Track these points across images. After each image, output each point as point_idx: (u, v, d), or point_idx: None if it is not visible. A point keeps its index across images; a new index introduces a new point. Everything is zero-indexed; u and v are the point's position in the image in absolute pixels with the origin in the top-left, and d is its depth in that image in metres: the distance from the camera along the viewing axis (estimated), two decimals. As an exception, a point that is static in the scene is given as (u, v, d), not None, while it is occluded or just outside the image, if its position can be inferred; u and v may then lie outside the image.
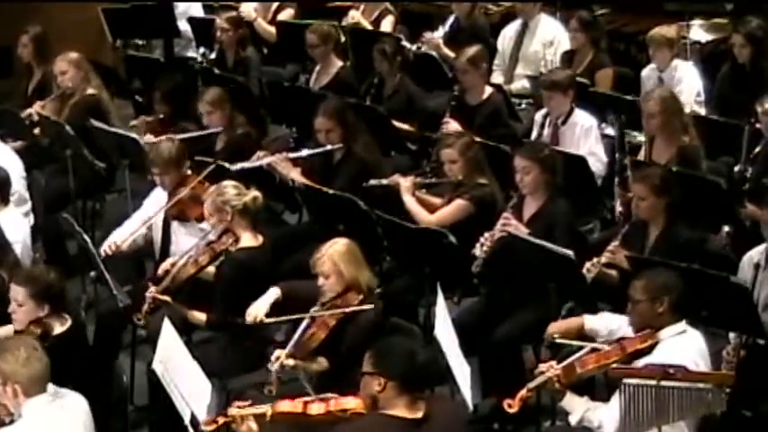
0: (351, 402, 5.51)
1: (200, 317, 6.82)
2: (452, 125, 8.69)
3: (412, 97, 9.44)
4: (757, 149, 8.10)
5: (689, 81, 9.36)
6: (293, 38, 10.40)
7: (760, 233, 7.09)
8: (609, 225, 8.13)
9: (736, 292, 6.35)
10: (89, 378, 5.96)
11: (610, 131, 8.61)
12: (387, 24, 10.97)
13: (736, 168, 8.18)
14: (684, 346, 5.85)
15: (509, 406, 5.83)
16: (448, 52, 10.07)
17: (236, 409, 5.65)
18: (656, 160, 7.98)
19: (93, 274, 7.30)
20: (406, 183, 7.88)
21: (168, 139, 7.81)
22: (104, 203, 9.41)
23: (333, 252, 6.41)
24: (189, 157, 7.76)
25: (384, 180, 8.00)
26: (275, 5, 11.30)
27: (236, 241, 6.86)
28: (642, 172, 7.23)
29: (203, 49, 10.60)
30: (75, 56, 9.32)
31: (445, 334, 6.09)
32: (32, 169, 8.88)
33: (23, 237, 7.46)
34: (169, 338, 6.05)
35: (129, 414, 6.77)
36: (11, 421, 5.40)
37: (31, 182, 8.64)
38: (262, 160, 8.25)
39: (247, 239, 6.88)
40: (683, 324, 5.95)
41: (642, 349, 5.87)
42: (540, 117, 8.72)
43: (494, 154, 7.94)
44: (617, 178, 8.03)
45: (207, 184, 7.43)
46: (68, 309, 6.26)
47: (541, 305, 6.87)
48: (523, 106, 9.86)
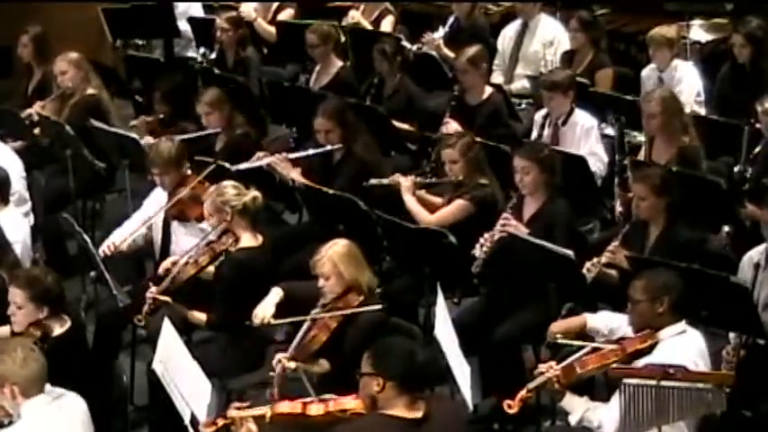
0: (350, 403, 5.50)
1: (200, 317, 6.82)
2: (452, 125, 8.69)
3: (412, 97, 9.43)
4: (757, 149, 8.10)
5: (689, 81, 9.35)
6: (293, 38, 10.39)
7: (760, 233, 7.09)
8: (609, 225, 8.13)
9: (736, 292, 6.35)
10: (89, 378, 5.96)
11: (610, 131, 8.61)
12: (387, 24, 10.97)
13: (736, 168, 8.18)
14: (684, 346, 5.85)
15: (509, 406, 5.82)
16: (448, 52, 10.07)
17: (236, 411, 5.65)
18: (655, 160, 7.98)
19: (93, 274, 7.30)
20: (406, 182, 7.87)
21: (168, 140, 7.81)
22: (104, 203, 9.41)
23: (333, 253, 6.40)
24: (189, 157, 7.77)
25: (384, 180, 7.99)
26: (275, 5, 11.29)
27: (236, 241, 6.86)
28: (642, 172, 7.22)
29: (203, 49, 10.60)
30: (75, 56, 9.31)
31: (445, 334, 6.09)
32: (32, 169, 8.88)
33: (23, 237, 7.46)
34: (169, 338, 6.05)
35: (129, 414, 6.77)
36: (9, 423, 5.40)
37: (31, 182, 8.64)
38: (262, 161, 8.25)
39: (247, 239, 6.88)
40: (682, 324, 5.94)
41: (642, 349, 5.87)
42: (541, 117, 8.72)
43: (494, 154, 7.94)
44: (617, 178, 8.02)
45: (207, 184, 7.44)
46: (67, 310, 6.26)
47: (541, 305, 6.86)
48: (523, 106, 9.86)
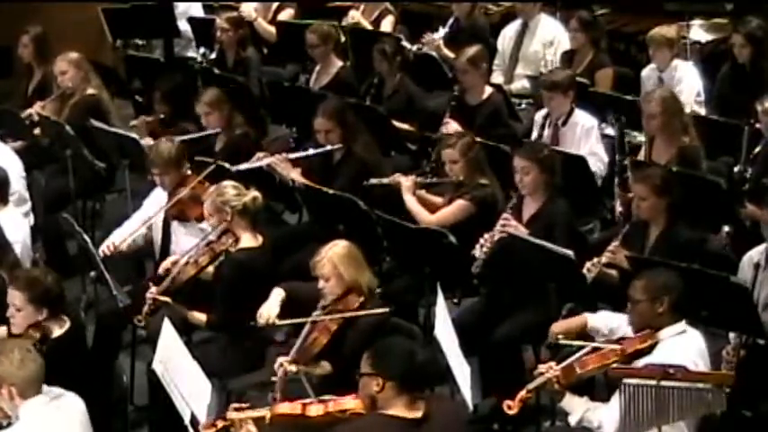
0: (350, 403, 5.50)
1: (200, 317, 6.82)
2: (452, 125, 8.69)
3: (412, 97, 9.43)
4: (757, 149, 8.10)
5: (689, 81, 9.35)
6: (293, 38, 10.39)
7: (760, 233, 7.09)
8: (609, 225, 8.13)
9: (736, 292, 6.34)
10: (89, 379, 5.96)
11: (610, 131, 8.61)
12: (387, 24, 10.96)
13: (736, 168, 8.18)
14: (684, 346, 5.85)
15: (508, 407, 5.82)
16: (448, 53, 10.06)
17: (235, 413, 5.64)
18: (655, 160, 7.97)
19: (93, 274, 7.30)
20: (407, 182, 7.87)
21: (168, 140, 7.80)
22: (104, 203, 9.41)
23: (332, 255, 6.39)
24: (188, 157, 7.77)
25: (385, 179, 7.99)
26: (275, 5, 11.29)
27: (236, 242, 6.85)
28: (643, 172, 7.21)
29: (203, 50, 10.59)
30: (75, 56, 9.31)
31: (445, 334, 6.09)
32: (32, 169, 8.88)
33: (23, 237, 7.45)
34: (169, 338, 6.05)
35: (129, 414, 6.77)
36: (8, 424, 5.40)
37: (31, 182, 8.64)
38: (262, 161, 8.24)
39: (247, 240, 6.87)
40: (682, 324, 5.94)
41: (642, 349, 5.86)
42: (541, 118, 8.71)
43: (494, 154, 7.93)
44: (617, 178, 8.02)
45: (207, 184, 7.43)
46: (67, 310, 6.25)
47: (541, 305, 6.86)
48: (523, 106, 9.85)
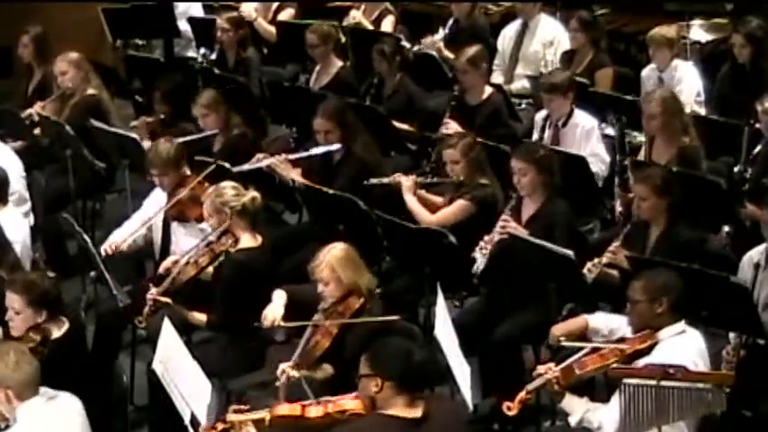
0: (349, 404, 5.50)
1: (200, 318, 6.82)
2: (452, 125, 8.69)
3: (412, 97, 9.42)
4: (757, 149, 8.10)
5: (689, 81, 9.35)
6: (293, 38, 10.39)
7: (760, 233, 7.08)
8: (609, 225, 8.12)
9: (736, 292, 6.34)
10: (89, 379, 5.96)
11: (610, 131, 8.60)
12: (387, 24, 10.96)
13: (736, 168, 8.18)
14: (684, 346, 5.85)
15: (508, 408, 5.81)
16: (448, 54, 10.05)
17: (235, 415, 5.64)
18: (656, 160, 7.97)
19: (93, 274, 7.29)
20: (407, 182, 7.86)
21: (167, 140, 7.79)
22: (104, 203, 9.41)
23: (330, 258, 6.37)
24: (187, 158, 7.76)
25: (385, 179, 7.98)
26: (275, 5, 11.29)
27: (236, 242, 6.85)
28: (644, 172, 7.21)
29: (204, 50, 10.58)
30: (75, 56, 9.30)
31: (445, 334, 6.09)
32: (32, 169, 8.87)
33: (23, 237, 7.45)
34: (169, 338, 6.05)
35: (129, 414, 6.77)
36: (6, 427, 5.39)
37: (31, 182, 8.63)
38: (261, 162, 8.23)
39: (246, 240, 6.87)
40: (682, 324, 5.94)
41: (641, 350, 5.86)
42: (541, 119, 8.71)
43: (494, 154, 7.93)
44: (617, 178, 8.02)
45: (206, 184, 7.43)
46: (66, 311, 6.24)
47: (541, 305, 6.86)
48: (523, 106, 9.85)
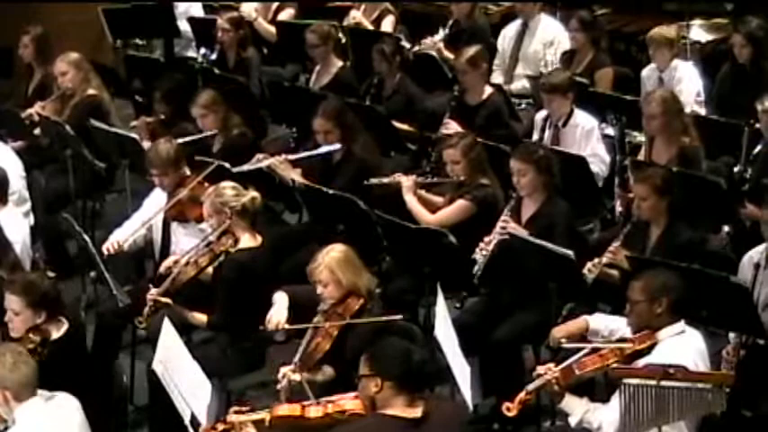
0: (349, 404, 5.50)
1: (200, 318, 6.82)
2: (452, 125, 8.68)
3: (411, 97, 9.42)
4: (757, 149, 8.10)
5: (689, 81, 9.35)
6: (293, 38, 10.39)
7: (760, 233, 7.07)
8: (609, 225, 8.12)
9: (736, 292, 6.35)
10: (89, 379, 5.96)
11: (610, 131, 8.60)
12: (387, 24, 10.95)
13: (736, 168, 8.18)
14: (684, 346, 5.84)
15: (507, 409, 5.80)
16: (449, 55, 10.04)
17: (235, 416, 5.65)
18: (656, 160, 7.97)
19: (93, 274, 7.29)
20: (407, 182, 7.84)
21: (166, 140, 7.79)
22: (104, 203, 9.40)
23: (329, 260, 6.37)
24: (187, 158, 7.75)
25: (385, 179, 7.97)
26: (275, 5, 11.29)
27: (236, 242, 6.85)
28: (644, 172, 7.20)
29: (204, 50, 10.58)
30: (75, 56, 9.30)
31: (445, 334, 6.09)
32: (32, 169, 8.86)
33: (23, 236, 7.44)
34: (169, 338, 6.05)
35: (129, 414, 6.77)
36: (5, 429, 5.39)
37: (31, 182, 8.62)
38: (261, 162, 8.23)
39: (246, 240, 6.87)
40: (681, 324, 5.93)
41: (641, 350, 5.85)
42: (541, 120, 8.70)
43: (494, 154, 7.92)
44: (617, 178, 8.02)
45: (206, 184, 7.42)
46: (65, 311, 6.23)
47: (542, 306, 6.85)
48: (523, 106, 9.85)
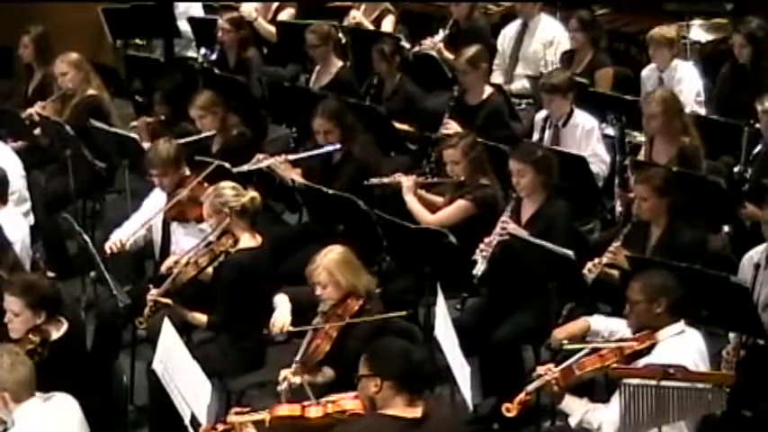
0: (349, 404, 5.50)
1: (200, 318, 6.82)
2: (452, 125, 8.68)
3: (411, 97, 9.42)
4: (757, 149, 8.10)
5: (689, 81, 9.35)
6: (293, 38, 10.38)
7: (760, 233, 7.07)
8: (609, 225, 8.12)
9: (736, 292, 6.35)
10: (89, 379, 5.96)
11: (610, 131, 8.60)
12: (387, 24, 10.94)
13: (736, 168, 8.18)
14: (683, 346, 5.84)
15: (507, 410, 5.79)
16: (449, 55, 10.03)
17: (235, 416, 5.65)
18: (656, 160, 7.97)
19: (93, 274, 7.29)
20: (407, 182, 7.84)
21: (166, 141, 7.78)
22: (104, 203, 9.39)
23: (327, 262, 6.36)
24: (187, 158, 7.75)
25: (385, 179, 7.97)
26: (275, 5, 11.27)
27: (235, 242, 6.85)
28: (645, 173, 7.20)
29: (204, 50, 10.57)
30: (75, 57, 9.29)
31: (445, 334, 6.09)
32: (32, 169, 8.85)
33: (22, 236, 7.44)
34: (169, 338, 6.05)
35: (129, 414, 6.76)
36: (5, 430, 5.38)
37: (31, 182, 8.61)
38: (261, 162, 8.22)
39: (246, 240, 6.87)
40: (681, 324, 5.93)
41: (641, 350, 5.85)
42: (541, 120, 8.70)
43: (494, 154, 7.91)
44: (617, 178, 8.02)
45: (206, 184, 7.42)
46: (64, 311, 6.22)
47: (542, 306, 6.85)
48: (523, 106, 9.84)
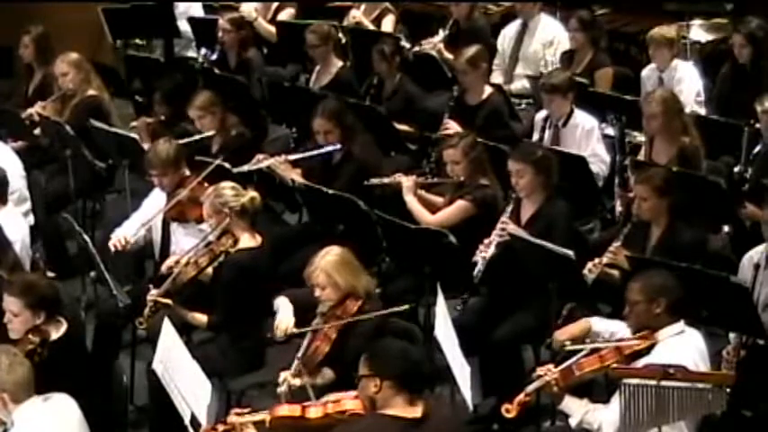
0: (349, 404, 5.50)
1: (201, 319, 6.82)
2: (452, 126, 8.68)
3: (411, 97, 9.42)
4: (757, 149, 8.10)
5: (689, 81, 9.35)
6: (293, 38, 10.38)
7: (760, 233, 7.08)
8: (609, 225, 8.12)
9: (736, 292, 6.35)
10: (89, 379, 5.96)
11: (610, 131, 8.60)
12: (387, 23, 10.94)
13: (736, 168, 8.18)
14: (683, 346, 5.84)
15: (507, 411, 5.80)
16: (449, 56, 10.02)
17: (235, 417, 5.65)
18: (656, 160, 7.97)
19: (93, 274, 7.29)
20: (407, 182, 7.83)
21: (166, 141, 7.78)
22: (104, 203, 9.39)
23: (325, 263, 6.36)
24: (187, 158, 7.75)
25: (386, 179, 7.97)
26: (275, 5, 11.27)
27: (235, 242, 6.85)
28: (645, 173, 7.19)
29: (205, 50, 10.57)
30: (75, 57, 9.29)
31: (445, 334, 6.09)
32: (32, 169, 8.85)
33: (22, 236, 7.44)
34: (169, 338, 6.05)
35: (129, 414, 6.77)
36: (4, 431, 5.38)
37: (31, 182, 8.61)
38: (262, 162, 8.22)
39: (246, 240, 6.87)
40: (680, 324, 5.93)
41: (641, 350, 5.85)
42: (541, 120, 8.70)
43: (494, 154, 7.91)
44: (617, 178, 8.03)
45: (206, 185, 7.42)
46: (64, 312, 6.21)
47: (542, 306, 6.85)
48: (523, 106, 9.84)
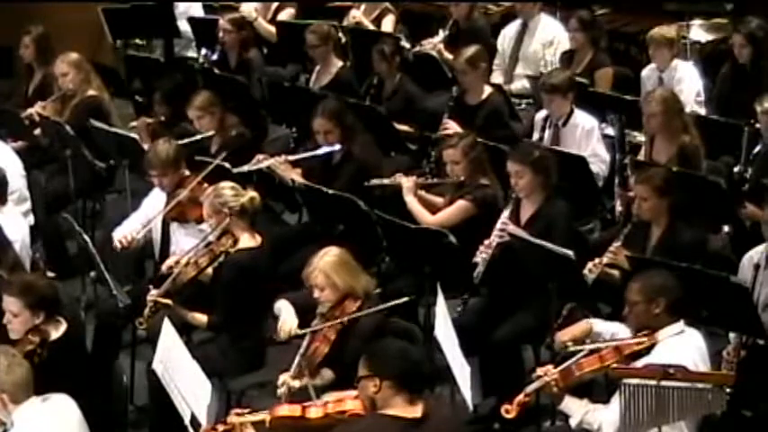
0: (349, 404, 5.50)
1: (201, 319, 6.82)
2: (452, 126, 8.68)
3: (411, 98, 9.42)
4: (757, 149, 8.10)
5: (689, 81, 9.35)
6: (293, 38, 10.38)
7: (760, 233, 7.08)
8: (609, 225, 8.12)
9: (736, 292, 6.35)
10: (89, 379, 5.96)
11: (610, 131, 8.60)
12: (387, 23, 10.94)
13: (736, 168, 8.18)
14: (683, 346, 5.84)
15: (506, 411, 5.79)
16: (449, 56, 10.02)
17: (235, 417, 5.65)
18: (656, 160, 7.98)
19: (93, 274, 7.29)
20: (407, 183, 7.83)
21: (165, 141, 7.78)
22: (104, 203, 9.39)
23: (323, 264, 6.35)
24: (186, 159, 7.75)
25: (386, 180, 7.97)
26: (275, 5, 11.27)
27: (235, 242, 6.85)
28: (645, 173, 7.19)
29: (205, 50, 10.57)
30: (75, 57, 9.29)
31: (445, 334, 6.09)
32: (32, 169, 8.85)
33: (22, 236, 7.44)
34: (169, 338, 6.05)
35: (129, 414, 6.77)
36: (4, 431, 5.39)
37: (31, 182, 8.61)
38: (261, 163, 8.22)
39: (246, 240, 6.87)
40: (680, 324, 5.92)
41: (640, 350, 5.85)
42: (541, 120, 8.70)
43: (494, 154, 7.91)
44: (617, 178, 8.03)
45: (206, 185, 7.42)
46: (63, 311, 6.21)
47: (542, 306, 6.85)
48: (523, 106, 9.84)
